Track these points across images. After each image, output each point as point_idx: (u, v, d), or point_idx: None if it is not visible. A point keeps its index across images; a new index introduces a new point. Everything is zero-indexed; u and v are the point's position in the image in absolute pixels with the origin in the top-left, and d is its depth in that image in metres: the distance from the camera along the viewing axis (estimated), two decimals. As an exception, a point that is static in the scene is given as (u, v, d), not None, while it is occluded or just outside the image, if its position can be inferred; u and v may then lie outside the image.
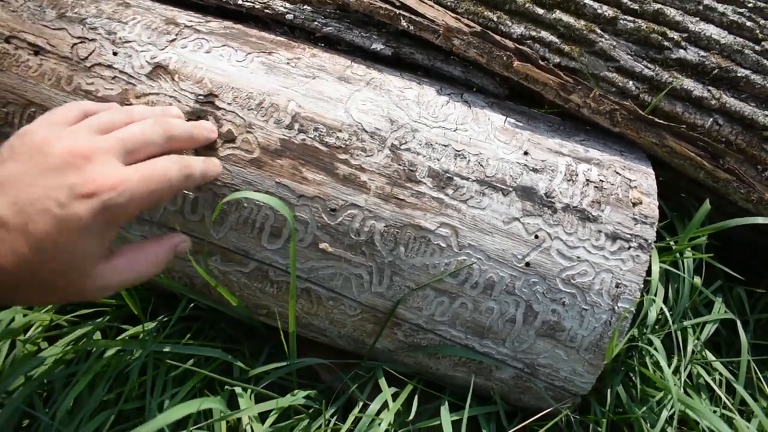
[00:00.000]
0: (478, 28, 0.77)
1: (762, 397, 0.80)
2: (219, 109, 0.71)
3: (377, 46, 0.78)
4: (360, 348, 0.79)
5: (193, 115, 0.71)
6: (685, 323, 0.73)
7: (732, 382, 0.74)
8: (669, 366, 0.69)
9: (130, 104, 0.72)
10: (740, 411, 0.80)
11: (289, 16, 0.84)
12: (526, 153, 0.73)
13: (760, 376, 0.80)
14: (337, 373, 0.82)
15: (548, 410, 0.76)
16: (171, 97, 0.71)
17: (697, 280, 0.79)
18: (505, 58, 0.76)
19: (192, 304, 0.80)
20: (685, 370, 0.72)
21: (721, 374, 0.81)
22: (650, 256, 0.70)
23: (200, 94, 0.71)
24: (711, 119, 0.87)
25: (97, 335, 0.78)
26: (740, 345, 0.81)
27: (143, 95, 0.72)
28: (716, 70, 0.85)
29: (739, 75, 0.85)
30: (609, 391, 0.74)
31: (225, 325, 0.84)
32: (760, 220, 0.80)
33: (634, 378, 0.77)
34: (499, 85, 0.83)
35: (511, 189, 0.71)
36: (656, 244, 0.82)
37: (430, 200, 0.69)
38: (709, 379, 0.76)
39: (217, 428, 0.71)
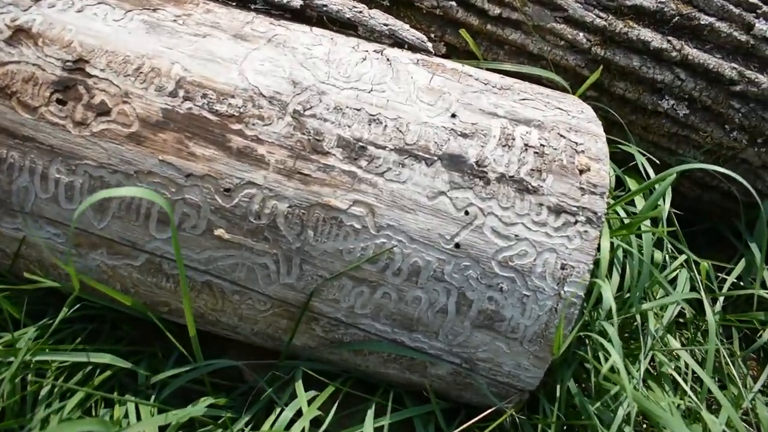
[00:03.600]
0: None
1: (732, 384, 0.72)
2: (90, 76, 0.60)
3: (283, -2, 0.67)
4: (278, 345, 0.70)
5: (60, 85, 0.60)
6: (645, 305, 0.64)
7: (698, 372, 0.65)
8: (627, 356, 0.60)
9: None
10: (708, 399, 0.72)
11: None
12: (453, 115, 0.62)
13: (728, 360, 0.71)
14: (258, 369, 0.73)
15: (493, 409, 0.67)
16: (34, 65, 0.60)
17: (658, 256, 0.70)
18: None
19: (81, 303, 0.69)
20: (645, 358, 0.63)
21: (686, 362, 0.72)
22: (600, 232, 0.60)
23: (68, 60, 0.60)
24: (672, 74, 0.77)
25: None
26: (707, 325, 0.73)
27: (1, 64, 0.61)
28: (677, 18, 0.75)
29: (702, 23, 0.75)
30: (559, 386, 0.65)
31: (128, 325, 0.74)
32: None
33: (589, 369, 0.68)
34: (432, 40, 0.72)
35: (436, 158, 0.60)
36: (608, 216, 0.73)
37: (340, 174, 0.59)
38: (671, 369, 0.67)
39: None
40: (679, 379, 0.65)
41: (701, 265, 0.76)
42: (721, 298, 0.79)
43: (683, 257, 0.75)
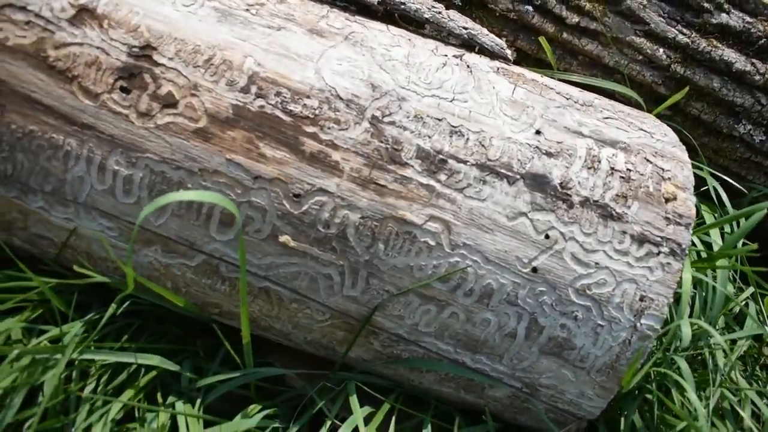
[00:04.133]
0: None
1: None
2: (158, 65, 0.57)
3: (361, -7, 0.63)
4: (331, 355, 0.67)
5: (125, 72, 0.57)
6: (714, 340, 0.62)
7: (760, 410, 0.63)
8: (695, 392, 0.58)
9: (47, 56, 0.57)
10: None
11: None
12: (538, 132, 0.59)
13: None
14: (307, 378, 0.70)
15: (549, 436, 0.65)
16: (98, 48, 0.57)
17: (730, 289, 0.67)
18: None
19: (132, 299, 0.66)
20: (713, 396, 0.61)
21: (745, 394, 0.70)
22: (683, 264, 0.57)
23: (135, 46, 0.57)
24: (752, 98, 0.73)
25: (18, 333, 0.65)
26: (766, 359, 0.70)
27: (63, 45, 0.57)
28: (763, 41, 0.71)
29: (789, 45, 0.72)
30: (623, 418, 0.63)
31: (172, 323, 0.71)
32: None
33: (652, 402, 0.65)
34: (507, 46, 0.69)
35: (518, 176, 0.57)
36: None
37: (417, 187, 0.56)
38: (735, 403, 0.64)
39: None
40: (746, 418, 0.63)
41: (766, 298, 0.73)
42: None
43: (750, 290, 0.72)
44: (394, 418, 0.63)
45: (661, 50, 0.73)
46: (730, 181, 0.76)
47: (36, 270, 0.65)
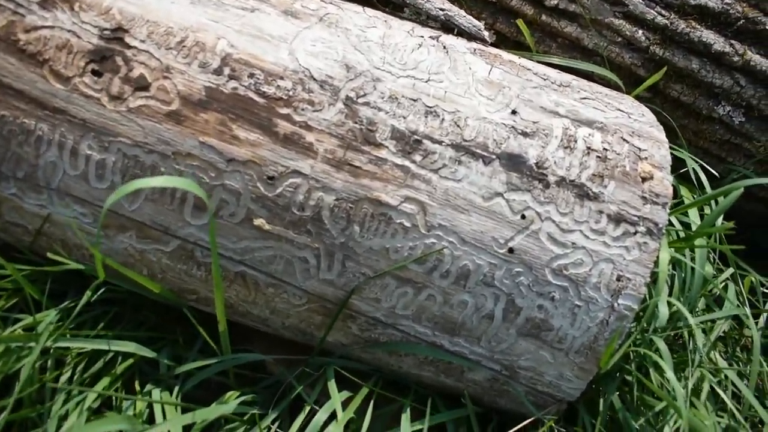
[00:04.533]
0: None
1: (774, 404, 0.70)
2: (129, 47, 0.56)
3: (335, -25, 0.63)
4: (309, 340, 0.67)
5: (97, 55, 0.56)
6: (693, 320, 0.62)
7: (743, 392, 0.63)
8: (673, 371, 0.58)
9: (18, 40, 0.56)
10: (751, 416, 0.70)
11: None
12: (514, 112, 0.59)
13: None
14: (286, 364, 0.70)
15: (529, 420, 0.65)
16: (69, 31, 0.56)
17: (708, 269, 0.67)
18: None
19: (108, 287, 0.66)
20: (692, 376, 0.61)
21: (726, 376, 0.70)
22: (660, 244, 0.57)
23: (106, 28, 0.56)
24: (731, 79, 0.73)
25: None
26: (747, 341, 0.71)
27: (33, 29, 0.56)
28: (742, 21, 0.71)
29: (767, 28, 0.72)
30: (602, 399, 0.63)
31: (150, 310, 0.71)
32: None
33: (631, 383, 0.65)
34: (486, 29, 0.68)
35: (494, 156, 0.57)
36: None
37: (392, 168, 0.56)
38: (717, 387, 0.64)
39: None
40: (726, 399, 0.63)
41: (746, 279, 0.73)
42: (765, 316, 0.76)
43: (730, 270, 0.72)
44: (372, 402, 0.62)
45: (640, 32, 0.73)
46: (710, 169, 0.76)
47: (10, 258, 0.64)
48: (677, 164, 0.78)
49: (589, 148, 0.59)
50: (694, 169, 0.72)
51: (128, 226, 0.59)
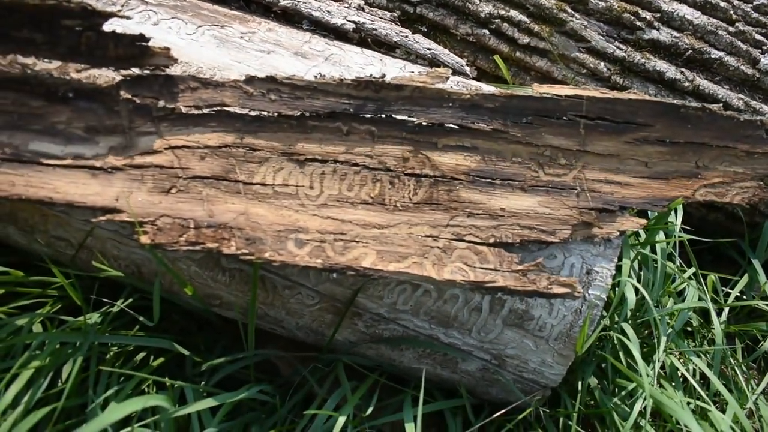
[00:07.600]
0: None
1: (736, 388, 0.78)
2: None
3: (337, 21, 0.74)
4: (320, 340, 0.75)
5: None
6: (657, 313, 0.70)
7: (706, 373, 0.71)
8: (642, 357, 0.66)
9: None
10: (714, 401, 0.78)
11: (246, -10, 0.80)
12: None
13: (734, 368, 0.77)
14: (297, 366, 0.78)
15: (517, 403, 0.73)
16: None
17: (669, 269, 0.76)
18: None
19: (138, 295, 0.74)
20: (658, 360, 0.69)
21: (695, 364, 0.78)
22: (622, 241, 0.67)
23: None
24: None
25: (38, 327, 0.73)
26: (713, 334, 0.79)
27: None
28: (690, 52, 0.83)
29: (712, 56, 0.83)
30: (580, 383, 0.71)
31: (177, 316, 0.79)
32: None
33: (606, 369, 0.73)
34: (467, 65, 0.79)
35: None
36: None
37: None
38: (683, 369, 0.73)
39: (165, 426, 0.66)
40: (690, 379, 0.71)
41: (708, 278, 0.82)
42: (726, 311, 0.85)
43: (692, 270, 0.81)
44: (378, 389, 0.70)
45: (602, 64, 0.84)
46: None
47: (41, 273, 0.72)
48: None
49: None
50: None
51: (162, 237, 0.68)
